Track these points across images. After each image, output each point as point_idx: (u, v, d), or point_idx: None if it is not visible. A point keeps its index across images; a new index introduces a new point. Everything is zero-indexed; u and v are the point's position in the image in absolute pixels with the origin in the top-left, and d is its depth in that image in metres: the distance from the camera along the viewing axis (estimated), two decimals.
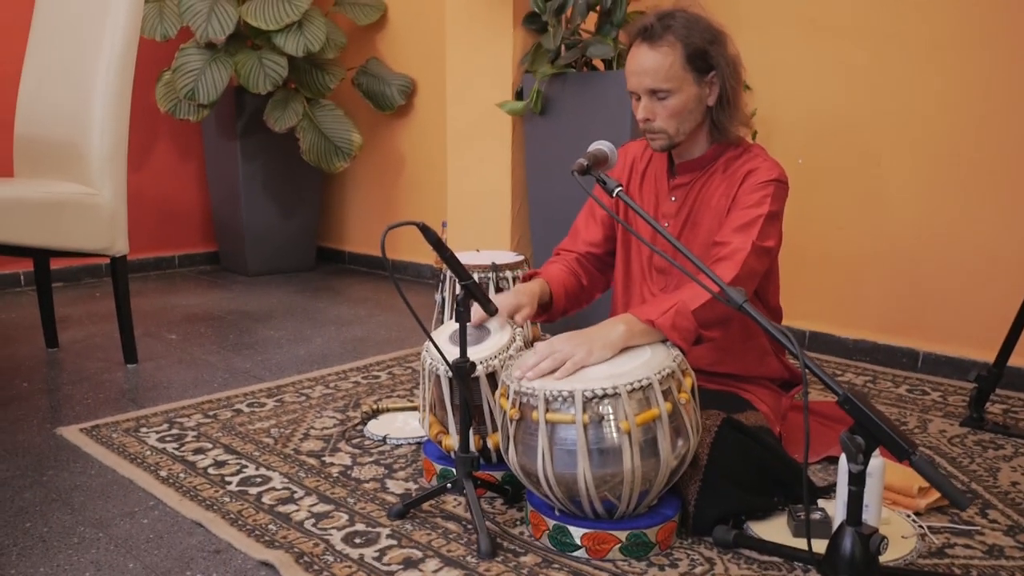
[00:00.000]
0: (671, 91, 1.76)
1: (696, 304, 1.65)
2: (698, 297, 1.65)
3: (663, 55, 1.75)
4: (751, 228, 1.76)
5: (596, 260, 2.06)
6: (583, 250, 2.06)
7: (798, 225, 2.85)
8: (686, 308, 1.65)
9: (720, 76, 1.79)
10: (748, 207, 1.78)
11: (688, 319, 1.65)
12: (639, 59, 1.78)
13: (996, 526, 1.69)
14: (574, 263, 2.04)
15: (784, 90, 2.91)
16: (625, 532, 1.54)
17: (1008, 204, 2.52)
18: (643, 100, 1.79)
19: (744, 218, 1.77)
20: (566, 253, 2.08)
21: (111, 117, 2.63)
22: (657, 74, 1.75)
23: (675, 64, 1.75)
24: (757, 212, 1.77)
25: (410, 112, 4.16)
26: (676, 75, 1.75)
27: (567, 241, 2.10)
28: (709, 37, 1.78)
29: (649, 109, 1.79)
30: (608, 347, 1.61)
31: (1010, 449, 2.08)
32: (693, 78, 1.77)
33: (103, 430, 2.18)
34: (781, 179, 1.82)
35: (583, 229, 2.07)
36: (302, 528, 1.67)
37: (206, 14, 3.70)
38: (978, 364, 2.49)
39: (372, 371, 2.71)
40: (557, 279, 1.98)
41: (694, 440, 1.58)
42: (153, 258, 4.38)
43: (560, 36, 2.91)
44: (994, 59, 2.50)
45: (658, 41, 1.75)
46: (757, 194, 1.79)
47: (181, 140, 4.41)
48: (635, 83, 1.79)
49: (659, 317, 1.64)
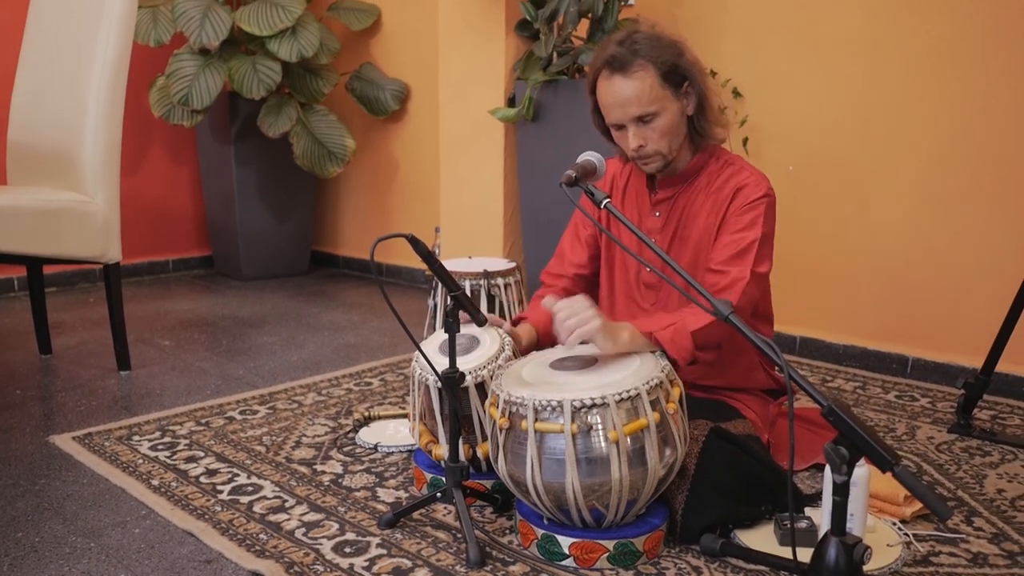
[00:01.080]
0: (657, 112, 1.76)
1: (696, 326, 1.68)
2: (698, 319, 1.68)
3: (639, 80, 1.74)
4: (747, 255, 1.77)
5: (584, 281, 2.05)
6: (571, 273, 2.05)
7: (790, 232, 2.86)
8: (685, 328, 1.67)
9: (693, 85, 1.81)
10: (741, 230, 1.79)
11: (686, 339, 1.67)
12: (617, 90, 1.76)
13: (981, 534, 1.70)
14: (561, 293, 1.99)
15: (776, 98, 2.93)
16: (613, 541, 1.56)
17: (997, 213, 2.54)
18: (631, 129, 1.78)
19: (739, 244, 1.78)
20: (554, 280, 2.06)
21: (104, 125, 2.63)
22: (640, 100, 1.75)
23: (654, 85, 1.75)
24: (751, 237, 1.78)
25: (404, 117, 4.18)
26: (657, 96, 1.75)
27: (554, 264, 2.09)
28: (675, 50, 1.78)
29: (640, 135, 1.78)
30: (611, 342, 1.62)
31: (997, 456, 2.09)
32: (671, 94, 1.78)
33: (96, 438, 2.19)
34: (769, 193, 1.83)
35: (569, 251, 2.07)
36: (293, 537, 1.68)
37: (200, 20, 3.71)
38: (967, 370, 2.51)
39: (364, 377, 2.72)
40: (544, 318, 1.89)
41: (682, 450, 1.59)
42: (147, 262, 4.38)
43: (552, 43, 2.92)
44: (984, 70, 2.52)
45: (630, 68, 1.75)
46: (748, 215, 1.80)
47: (175, 145, 4.42)
48: (619, 115, 1.78)
49: (660, 331, 1.67)
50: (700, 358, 1.72)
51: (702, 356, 1.72)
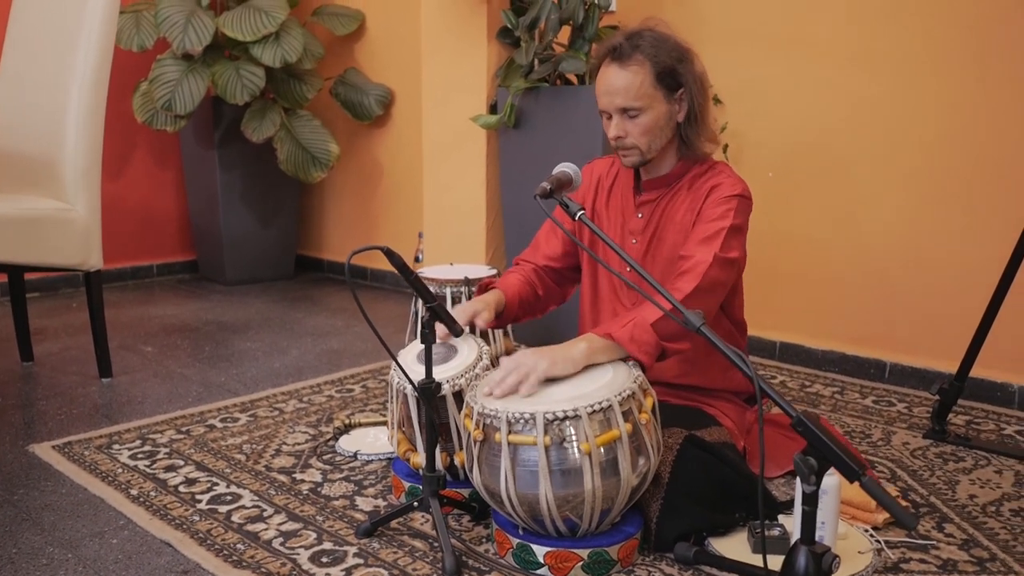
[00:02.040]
0: (642, 109, 1.79)
1: (655, 317, 1.67)
2: (657, 310, 1.67)
3: (633, 74, 1.78)
4: (714, 240, 1.78)
5: (554, 273, 2.10)
6: (542, 263, 2.09)
7: (769, 238, 2.90)
8: (645, 321, 1.68)
9: (688, 93, 1.83)
10: (712, 220, 1.81)
11: (647, 332, 1.67)
12: (609, 79, 1.81)
13: (951, 540, 1.73)
14: (531, 274, 2.08)
15: (755, 105, 2.95)
16: (587, 550, 1.57)
17: (974, 219, 2.56)
18: (615, 118, 1.82)
19: (707, 231, 1.80)
20: (525, 264, 2.12)
21: (85, 132, 2.63)
22: (628, 93, 1.78)
23: (645, 82, 1.78)
24: (720, 225, 1.80)
25: (388, 122, 4.18)
26: (646, 93, 1.79)
27: (527, 252, 2.14)
28: (677, 55, 1.82)
29: (621, 127, 1.82)
30: (570, 362, 1.63)
31: (970, 461, 2.12)
32: (663, 95, 1.81)
33: (75, 447, 2.19)
34: (744, 194, 1.85)
35: (543, 243, 2.11)
36: (270, 547, 1.69)
37: (183, 25, 3.71)
38: (943, 375, 2.54)
39: (346, 384, 2.73)
40: (512, 288, 2.02)
41: (655, 459, 1.61)
42: (131, 267, 4.37)
43: (533, 51, 2.93)
44: (963, 76, 2.54)
45: (627, 60, 1.79)
46: (720, 207, 1.82)
47: (159, 149, 4.41)
48: (606, 102, 1.82)
49: (618, 331, 1.67)
50: (671, 349, 1.70)
51: (672, 347, 1.70)
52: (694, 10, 3.02)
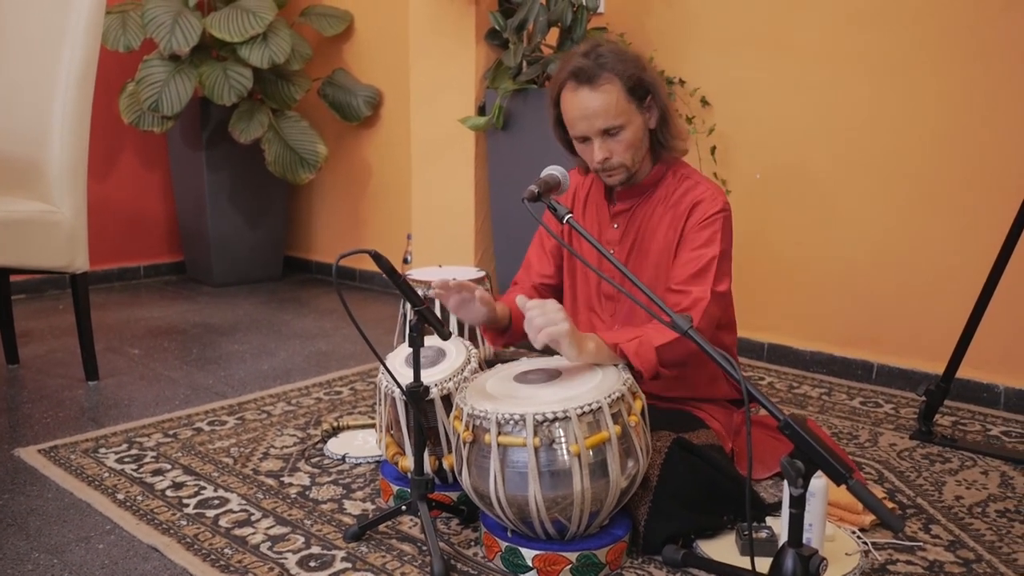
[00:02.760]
0: (623, 126, 1.79)
1: (660, 341, 1.69)
2: (662, 335, 1.69)
3: (606, 92, 1.76)
4: (707, 274, 1.79)
5: (550, 291, 2.09)
6: (537, 283, 2.08)
7: (757, 240, 2.91)
8: (650, 342, 1.69)
9: (656, 98, 1.83)
10: (699, 247, 1.81)
11: (651, 352, 1.69)
12: (584, 102, 1.78)
13: (938, 541, 1.74)
14: (531, 291, 2.06)
15: (743, 107, 2.96)
16: (576, 553, 1.57)
17: (960, 221, 2.58)
18: (596, 141, 1.80)
19: (698, 262, 1.80)
20: (522, 283, 2.10)
21: (70, 134, 2.62)
22: (608, 113, 1.77)
23: (620, 98, 1.77)
24: (710, 254, 1.80)
25: (377, 123, 4.18)
26: (623, 108, 1.78)
27: (521, 275, 2.12)
28: (638, 65, 1.81)
29: (606, 148, 1.80)
30: (577, 347, 1.62)
31: (956, 462, 2.13)
32: (636, 107, 1.80)
33: (62, 451, 2.18)
34: (725, 208, 1.85)
35: (536, 262, 2.10)
36: (258, 552, 1.68)
37: (170, 26, 3.69)
38: (930, 376, 2.55)
39: (335, 387, 2.72)
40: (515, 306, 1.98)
41: (644, 461, 1.61)
42: (118, 268, 4.35)
43: (521, 53, 2.94)
44: (947, 80, 2.56)
45: (597, 80, 1.76)
46: (706, 232, 1.82)
47: (146, 150, 4.39)
48: (586, 127, 1.79)
49: (625, 343, 1.68)
50: (664, 374, 1.73)
51: (666, 372, 1.73)
52: (682, 12, 3.03)
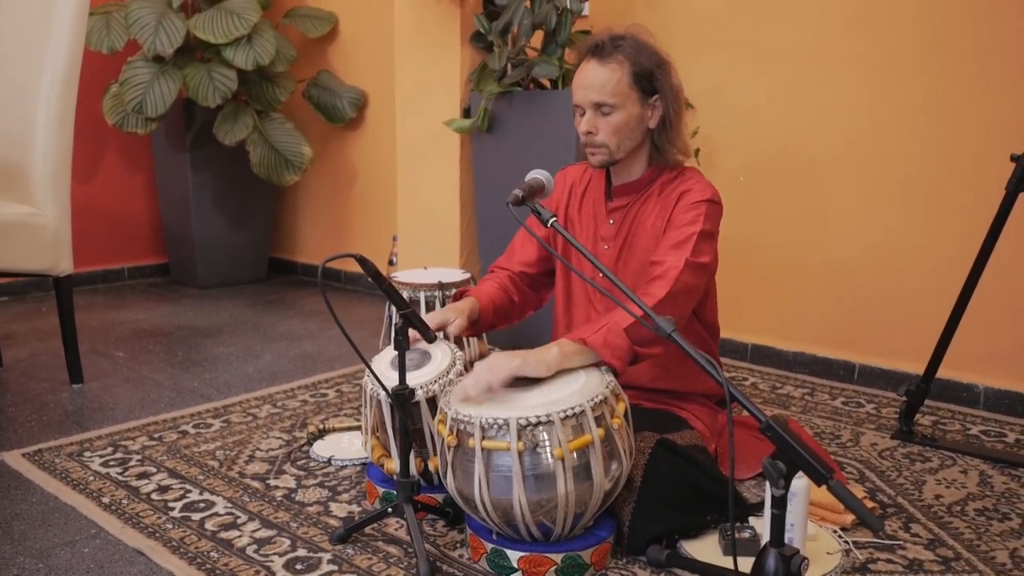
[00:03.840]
0: (615, 107, 1.82)
1: (627, 322, 1.69)
2: (631, 316, 1.69)
3: (611, 71, 1.81)
4: (685, 245, 1.80)
5: (529, 279, 2.12)
6: (517, 269, 2.11)
7: (741, 242, 2.93)
8: (617, 327, 1.69)
9: (663, 101, 1.85)
10: (682, 225, 1.83)
11: (620, 337, 1.68)
12: (587, 73, 1.84)
13: (918, 540, 1.76)
14: (507, 280, 2.10)
15: (727, 110, 2.98)
16: (561, 554, 1.58)
17: (940, 223, 2.61)
18: (587, 114, 1.85)
19: (679, 236, 1.82)
20: (500, 271, 2.13)
21: (54, 136, 2.61)
22: (604, 88, 1.81)
23: (622, 81, 1.81)
24: (691, 230, 1.82)
25: (362, 124, 4.18)
26: (622, 91, 1.81)
27: (503, 259, 2.16)
28: (656, 61, 1.85)
29: (592, 123, 1.84)
30: (542, 364, 1.64)
31: (936, 462, 2.16)
32: (637, 97, 1.83)
33: (46, 455, 2.18)
34: (714, 199, 1.87)
35: (519, 249, 2.13)
36: (244, 555, 1.69)
37: (154, 27, 3.68)
38: (911, 376, 2.58)
39: (320, 389, 2.72)
40: (487, 295, 2.04)
41: (627, 463, 1.62)
42: (102, 271, 4.33)
43: (506, 56, 2.94)
44: (930, 82, 2.59)
45: (607, 58, 1.82)
46: (691, 213, 1.84)
47: (130, 152, 4.37)
48: (581, 96, 1.85)
49: (591, 336, 1.68)
50: (643, 353, 1.72)
51: (644, 351, 1.71)
52: (666, 15, 3.05)
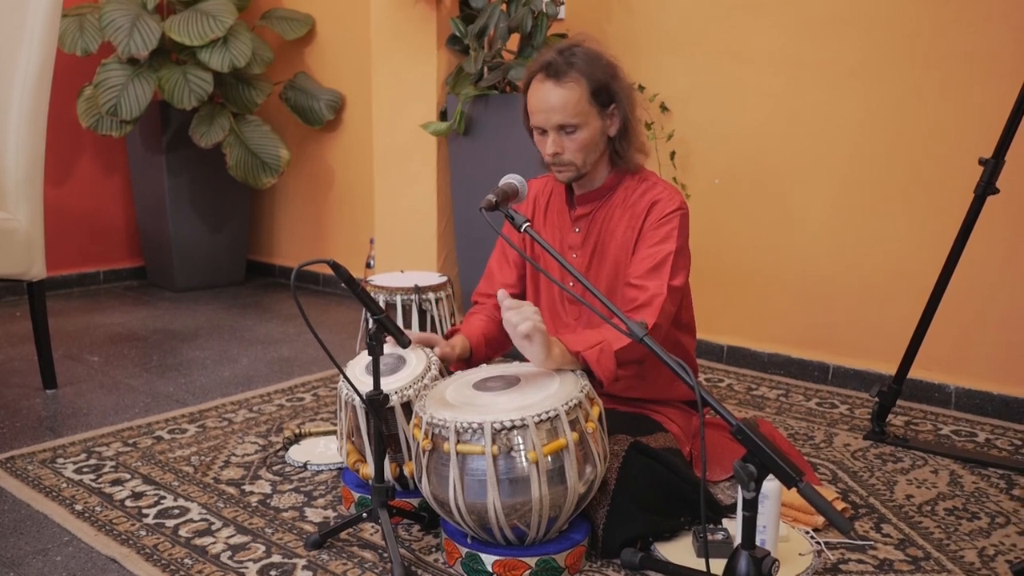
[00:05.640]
0: (579, 126, 1.82)
1: (619, 345, 1.72)
2: (621, 338, 1.71)
3: (569, 90, 1.80)
4: (663, 269, 1.82)
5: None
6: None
7: (716, 244, 2.95)
8: (610, 348, 1.71)
9: (620, 108, 1.86)
10: (656, 243, 1.85)
11: (610, 359, 1.71)
12: (545, 95, 1.82)
13: (888, 540, 1.78)
14: (494, 311, 2.06)
15: (701, 113, 3.00)
16: (535, 558, 1.59)
17: (911, 226, 2.64)
18: (551, 135, 1.84)
19: (655, 257, 1.84)
20: (485, 300, 2.11)
21: (26, 139, 2.58)
22: (565, 110, 1.81)
23: (581, 99, 1.81)
24: (666, 250, 1.83)
25: (339, 127, 4.17)
26: (582, 110, 1.81)
27: (483, 285, 2.14)
28: (610, 72, 1.85)
29: (558, 143, 1.84)
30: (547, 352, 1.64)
31: (908, 462, 2.18)
32: (597, 111, 1.84)
33: (18, 462, 2.16)
34: (682, 207, 1.89)
35: (498, 272, 2.11)
36: (218, 561, 1.68)
37: (128, 29, 3.66)
38: (883, 377, 2.61)
39: (297, 393, 2.71)
40: (477, 330, 2.01)
41: (601, 467, 1.63)
42: (76, 274, 4.29)
43: (482, 59, 2.95)
44: (901, 86, 2.62)
45: (563, 78, 1.81)
46: (663, 229, 1.85)
47: (104, 154, 4.34)
48: (543, 119, 1.84)
49: (587, 351, 1.70)
50: (622, 375, 1.76)
51: (623, 373, 1.76)
52: (642, 18, 3.06)
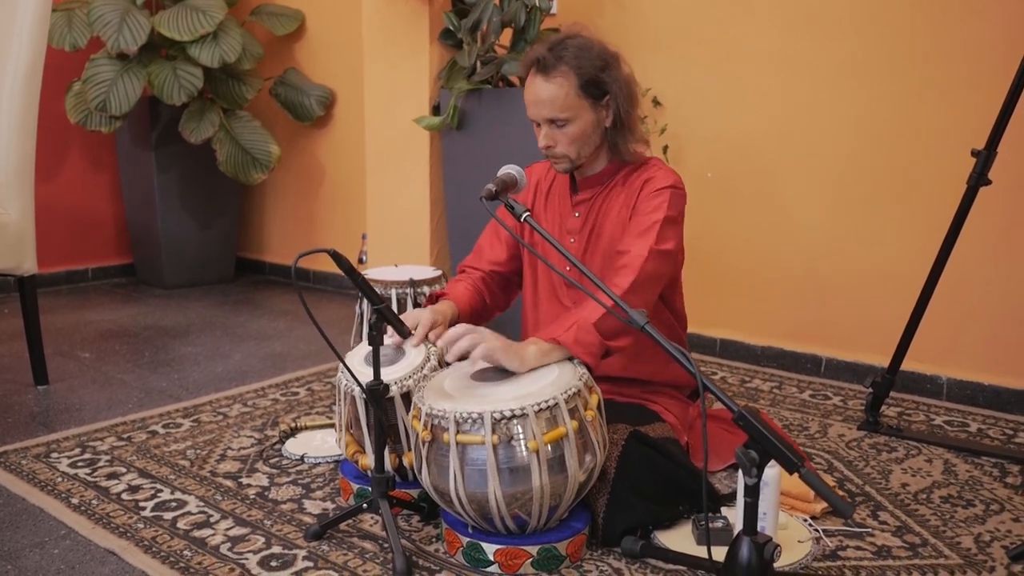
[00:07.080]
0: (569, 119, 1.82)
1: (596, 316, 1.70)
2: (598, 310, 1.71)
3: (557, 86, 1.80)
4: (649, 233, 1.82)
5: (500, 279, 2.11)
6: (487, 269, 2.10)
7: (710, 237, 2.96)
8: (587, 322, 1.71)
9: (614, 99, 1.86)
10: (646, 213, 1.85)
11: (591, 333, 1.70)
12: (535, 90, 1.83)
13: (886, 527, 1.79)
14: (479, 282, 2.09)
15: (696, 108, 3.01)
16: (536, 547, 1.59)
17: (902, 218, 2.66)
18: (543, 128, 1.85)
19: (642, 224, 1.84)
20: (471, 271, 2.12)
21: (17, 135, 2.57)
22: (554, 104, 1.81)
23: (570, 94, 1.81)
24: (654, 217, 1.83)
25: (330, 123, 4.16)
26: (572, 104, 1.81)
27: (471, 258, 2.14)
28: (601, 64, 1.84)
29: (550, 136, 1.85)
30: (518, 358, 1.65)
31: (902, 451, 2.20)
32: (589, 104, 1.83)
33: (12, 457, 2.14)
34: (677, 186, 1.89)
35: (487, 248, 2.12)
36: (218, 553, 1.67)
37: (117, 24, 3.64)
38: (876, 369, 2.62)
39: (291, 387, 2.71)
40: (464, 298, 2.03)
41: (601, 455, 1.64)
42: (65, 271, 4.27)
43: (475, 53, 2.95)
44: (893, 83, 2.63)
45: (552, 72, 1.81)
46: (654, 200, 1.86)
47: (93, 150, 4.32)
48: (534, 113, 1.85)
49: (562, 334, 1.70)
50: (614, 347, 1.73)
51: (616, 344, 1.73)
52: (635, 13, 3.07)
